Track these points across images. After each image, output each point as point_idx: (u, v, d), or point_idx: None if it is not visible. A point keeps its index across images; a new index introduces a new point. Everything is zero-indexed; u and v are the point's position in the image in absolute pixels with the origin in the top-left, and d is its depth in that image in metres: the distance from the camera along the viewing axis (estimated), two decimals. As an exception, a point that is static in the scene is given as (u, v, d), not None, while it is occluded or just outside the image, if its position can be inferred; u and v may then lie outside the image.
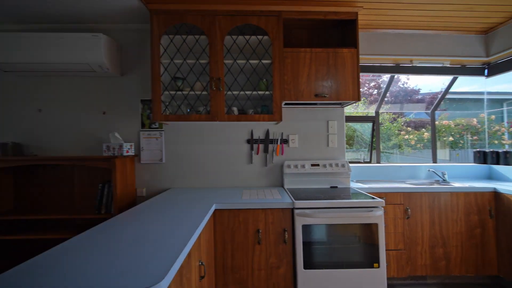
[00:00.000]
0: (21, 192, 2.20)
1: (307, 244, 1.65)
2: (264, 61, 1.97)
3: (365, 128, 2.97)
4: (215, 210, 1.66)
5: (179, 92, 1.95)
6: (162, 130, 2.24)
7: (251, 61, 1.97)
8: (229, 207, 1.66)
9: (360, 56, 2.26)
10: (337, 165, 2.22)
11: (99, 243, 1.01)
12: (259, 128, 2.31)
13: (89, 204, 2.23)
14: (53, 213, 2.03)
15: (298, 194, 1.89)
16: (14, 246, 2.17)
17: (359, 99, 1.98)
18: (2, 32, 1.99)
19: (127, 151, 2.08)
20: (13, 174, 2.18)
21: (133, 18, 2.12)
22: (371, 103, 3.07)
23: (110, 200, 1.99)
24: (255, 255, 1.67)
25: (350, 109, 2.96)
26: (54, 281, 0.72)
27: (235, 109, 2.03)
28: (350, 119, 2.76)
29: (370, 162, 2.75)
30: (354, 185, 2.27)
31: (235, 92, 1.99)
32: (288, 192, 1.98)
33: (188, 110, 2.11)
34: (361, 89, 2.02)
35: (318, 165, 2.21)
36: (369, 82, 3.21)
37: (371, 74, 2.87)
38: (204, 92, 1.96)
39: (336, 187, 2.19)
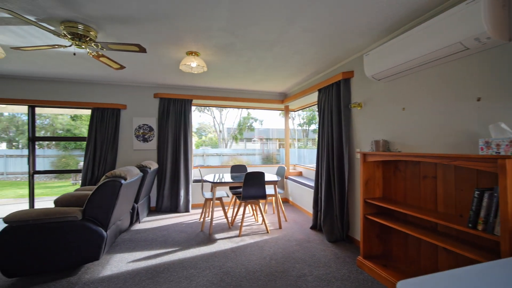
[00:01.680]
0: (387, 183, 2.48)
1: None
2: None
3: None
4: None
5: None
6: None
7: None
8: None
9: None
10: None
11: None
12: None
13: (454, 211, 1.87)
14: (413, 209, 1.98)
15: None
16: (380, 227, 2.50)
17: None
18: (372, 51, 2.38)
19: (524, 150, 1.38)
20: (382, 167, 2.53)
21: None
22: None
23: (492, 215, 1.45)
24: None
25: None
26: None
27: None
28: None
29: None
30: None
31: None
32: None
33: None
34: None
35: None
36: None
37: None
38: None
39: None
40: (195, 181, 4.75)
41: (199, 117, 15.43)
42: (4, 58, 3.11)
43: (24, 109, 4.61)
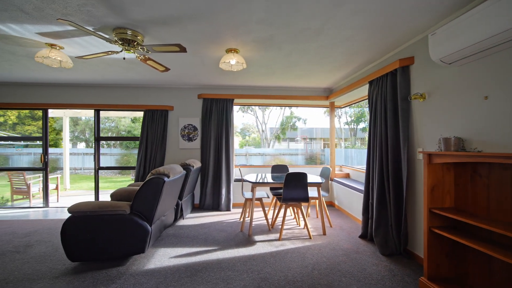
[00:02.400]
0: (462, 190, 2.01)
1: None
2: None
3: None
4: None
5: None
6: None
7: None
8: None
9: None
10: None
11: None
12: None
13: None
14: (502, 227, 1.53)
15: None
16: (451, 243, 2.04)
17: None
18: (440, 28, 1.94)
19: None
20: (454, 171, 2.06)
21: None
22: None
23: None
24: None
25: None
26: None
27: None
28: None
29: None
30: None
31: None
32: None
33: None
34: None
35: None
36: None
37: None
38: None
39: None
40: (236, 180, 4.75)
41: (242, 118, 15.76)
42: (73, 68, 3.57)
43: (92, 112, 5.28)
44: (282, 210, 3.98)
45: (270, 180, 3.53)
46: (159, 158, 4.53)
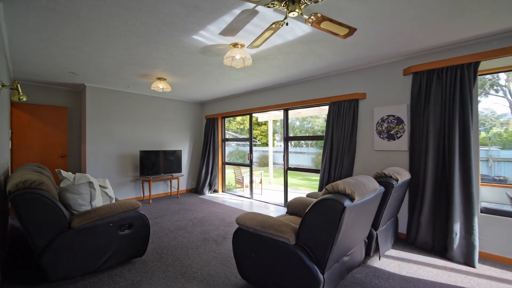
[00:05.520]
0: None
1: None
2: None
3: None
4: None
5: None
6: None
7: None
8: None
9: None
10: None
11: None
12: None
13: None
14: None
15: None
16: None
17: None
18: None
19: None
20: None
21: None
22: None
23: None
24: None
25: None
26: None
27: None
28: None
29: None
30: None
31: None
32: None
33: None
34: None
35: None
36: None
37: None
38: None
39: None
40: (487, 211, 2.58)
41: (479, 103, 10.42)
42: (258, 68, 3.57)
43: (287, 114, 5.46)
44: None
45: None
46: (346, 163, 3.54)
